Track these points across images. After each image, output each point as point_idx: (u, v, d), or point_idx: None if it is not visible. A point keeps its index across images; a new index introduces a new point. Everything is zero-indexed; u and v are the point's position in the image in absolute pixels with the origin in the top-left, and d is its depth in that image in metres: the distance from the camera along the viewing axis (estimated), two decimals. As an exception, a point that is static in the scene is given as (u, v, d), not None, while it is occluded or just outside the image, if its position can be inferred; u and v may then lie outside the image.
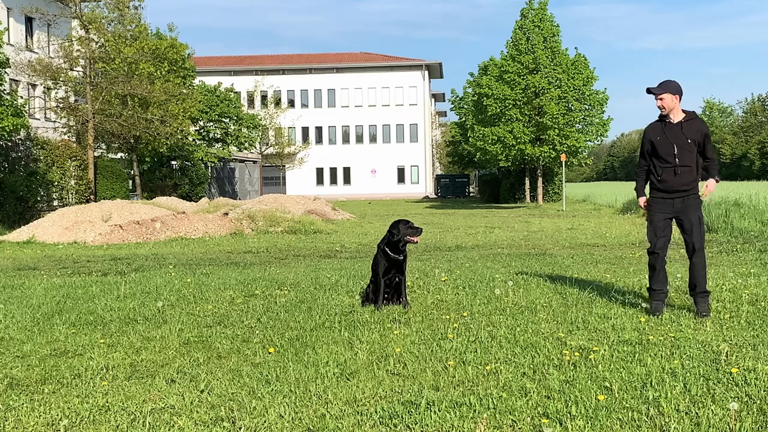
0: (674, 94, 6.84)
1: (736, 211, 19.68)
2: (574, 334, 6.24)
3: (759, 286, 8.38)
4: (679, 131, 6.85)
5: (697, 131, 6.86)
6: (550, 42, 37.86)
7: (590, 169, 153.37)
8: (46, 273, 11.86)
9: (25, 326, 7.16)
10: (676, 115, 6.90)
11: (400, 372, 5.20)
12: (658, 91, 6.87)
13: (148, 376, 5.29)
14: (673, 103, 6.85)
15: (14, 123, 23.42)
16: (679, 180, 6.85)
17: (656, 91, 6.87)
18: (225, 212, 22.89)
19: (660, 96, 6.85)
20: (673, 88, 6.84)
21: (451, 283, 9.21)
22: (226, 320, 7.23)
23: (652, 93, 6.92)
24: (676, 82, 6.90)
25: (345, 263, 12.34)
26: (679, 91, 6.87)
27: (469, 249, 15.13)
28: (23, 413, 4.51)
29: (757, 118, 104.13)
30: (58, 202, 29.73)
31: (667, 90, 6.83)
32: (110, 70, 31.48)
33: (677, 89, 6.87)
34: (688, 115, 6.92)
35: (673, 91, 6.84)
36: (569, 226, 21.88)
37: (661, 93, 6.84)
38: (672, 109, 6.87)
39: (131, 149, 36.15)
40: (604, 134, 38.83)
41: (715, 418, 4.13)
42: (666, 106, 6.85)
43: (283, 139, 58.43)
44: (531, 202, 41.52)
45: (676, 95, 6.85)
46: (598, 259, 12.14)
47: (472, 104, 44.35)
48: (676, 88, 6.86)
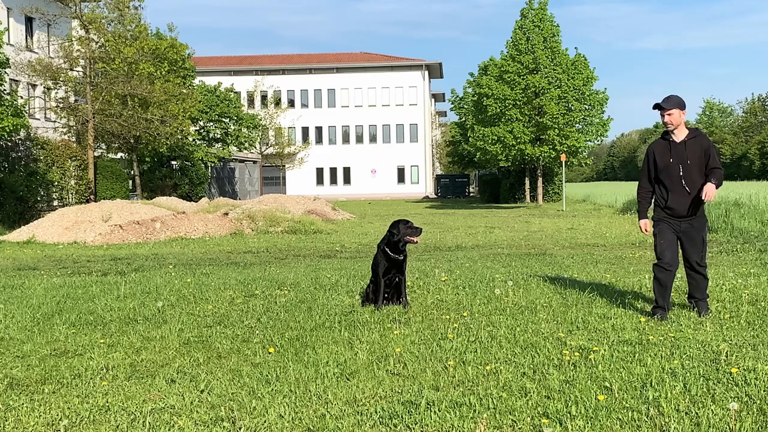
0: (682, 109, 6.73)
1: (736, 211, 19.68)
2: (574, 334, 6.24)
3: (759, 286, 8.38)
4: (683, 150, 6.71)
5: (701, 148, 6.70)
6: (550, 42, 37.86)
7: (590, 169, 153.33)
8: (46, 273, 11.86)
9: (25, 326, 7.16)
10: (680, 131, 6.76)
11: (400, 372, 5.20)
12: (667, 106, 6.70)
13: (148, 376, 5.29)
14: (681, 118, 6.73)
15: (14, 123, 23.41)
16: (686, 203, 6.71)
17: (666, 106, 6.71)
18: (225, 212, 22.89)
19: (669, 111, 6.70)
20: (680, 104, 6.72)
21: (451, 283, 9.20)
22: (226, 320, 7.23)
23: (660, 108, 6.76)
24: (681, 97, 6.76)
25: (345, 263, 12.34)
26: (684, 106, 6.76)
27: (469, 249, 15.13)
28: (23, 413, 4.51)
29: (757, 118, 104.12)
30: (58, 202, 29.73)
31: (675, 105, 6.69)
32: (110, 70, 31.47)
33: (683, 104, 6.75)
34: (692, 133, 6.78)
35: (681, 107, 6.72)
36: (569, 226, 21.88)
37: (670, 108, 6.69)
38: (678, 126, 6.73)
39: (131, 149, 36.14)
40: (604, 134, 38.84)
41: (715, 418, 4.13)
42: (673, 122, 6.70)
43: (283, 139, 58.40)
44: (531, 202, 41.51)
45: (683, 111, 6.74)
46: (598, 259, 12.14)
47: (472, 104, 44.34)
48: (681, 103, 6.74)
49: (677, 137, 6.75)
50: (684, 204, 6.72)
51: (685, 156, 6.68)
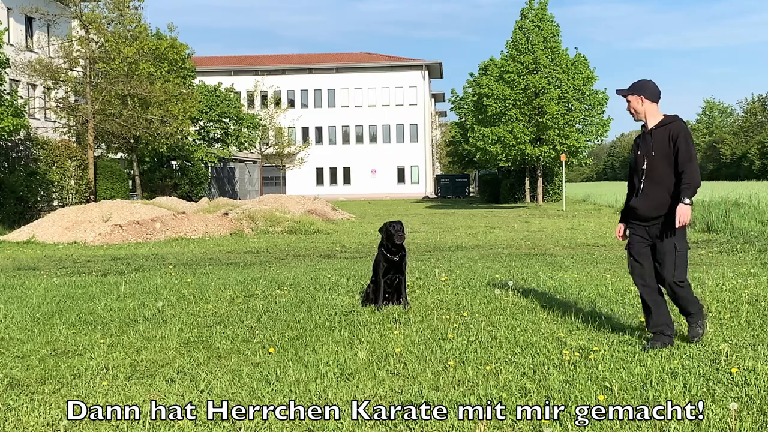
0: (640, 94, 5.79)
1: (736, 211, 19.69)
2: (574, 334, 6.24)
3: (759, 286, 8.37)
4: (650, 141, 5.78)
5: (669, 137, 5.68)
6: (550, 42, 37.86)
7: (590, 169, 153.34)
8: (46, 273, 11.86)
9: (25, 326, 7.16)
10: (651, 119, 5.81)
11: (400, 372, 5.20)
12: (622, 93, 5.90)
13: (148, 376, 5.28)
14: (641, 105, 5.80)
15: (14, 123, 23.41)
16: (647, 203, 5.75)
17: (620, 93, 5.92)
18: (225, 212, 22.89)
19: (627, 98, 5.88)
20: (638, 88, 5.82)
21: (451, 283, 9.20)
22: (226, 320, 7.23)
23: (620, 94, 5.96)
24: (646, 81, 5.87)
25: (345, 263, 12.34)
26: (645, 91, 5.80)
27: (469, 249, 15.12)
28: (23, 413, 4.51)
29: (757, 118, 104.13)
30: (58, 202, 29.73)
31: (630, 91, 5.85)
32: (110, 70, 31.48)
33: (643, 89, 5.81)
34: (663, 120, 5.79)
35: (639, 91, 5.80)
36: (569, 226, 21.87)
37: (627, 95, 5.87)
38: (641, 113, 5.82)
39: (131, 149, 36.14)
40: (604, 134, 38.85)
41: (715, 418, 4.13)
42: (633, 109, 5.85)
43: (283, 139, 58.39)
44: (531, 202, 41.51)
45: (642, 96, 5.78)
46: (598, 259, 12.14)
47: (472, 104, 44.35)
48: (641, 88, 5.81)
49: (648, 126, 5.84)
50: (648, 205, 5.76)
51: (650, 147, 5.76)
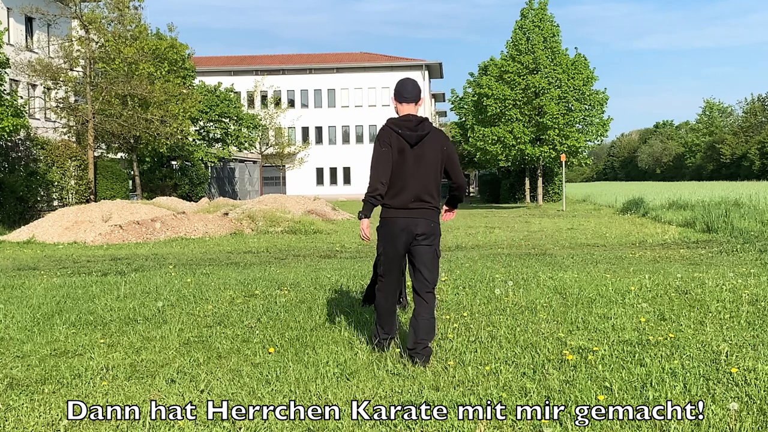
0: (394, 98, 5.54)
1: (736, 211, 19.68)
2: (574, 334, 6.23)
3: (759, 286, 8.37)
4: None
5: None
6: (550, 42, 37.88)
7: (590, 169, 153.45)
8: (46, 273, 11.86)
9: (25, 326, 7.16)
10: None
11: (400, 372, 5.20)
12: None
13: (148, 376, 5.28)
14: (396, 107, 5.54)
15: (14, 123, 23.42)
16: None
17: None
18: (225, 212, 22.89)
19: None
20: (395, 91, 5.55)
21: (451, 283, 9.20)
22: (226, 320, 7.23)
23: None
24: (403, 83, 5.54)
25: (345, 263, 12.33)
26: (397, 93, 5.52)
27: (469, 249, 15.12)
28: (23, 413, 4.51)
29: (757, 118, 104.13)
30: (58, 202, 29.75)
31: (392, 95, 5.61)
32: (110, 70, 31.47)
33: (396, 91, 5.53)
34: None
35: (395, 95, 5.53)
36: (569, 226, 21.87)
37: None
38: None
39: (131, 149, 36.14)
40: (604, 134, 38.87)
41: (715, 418, 4.13)
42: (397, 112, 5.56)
43: (283, 139, 58.38)
44: (531, 202, 41.51)
45: (395, 99, 5.53)
46: (598, 259, 12.14)
47: (472, 104, 44.36)
48: (395, 90, 5.54)
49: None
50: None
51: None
